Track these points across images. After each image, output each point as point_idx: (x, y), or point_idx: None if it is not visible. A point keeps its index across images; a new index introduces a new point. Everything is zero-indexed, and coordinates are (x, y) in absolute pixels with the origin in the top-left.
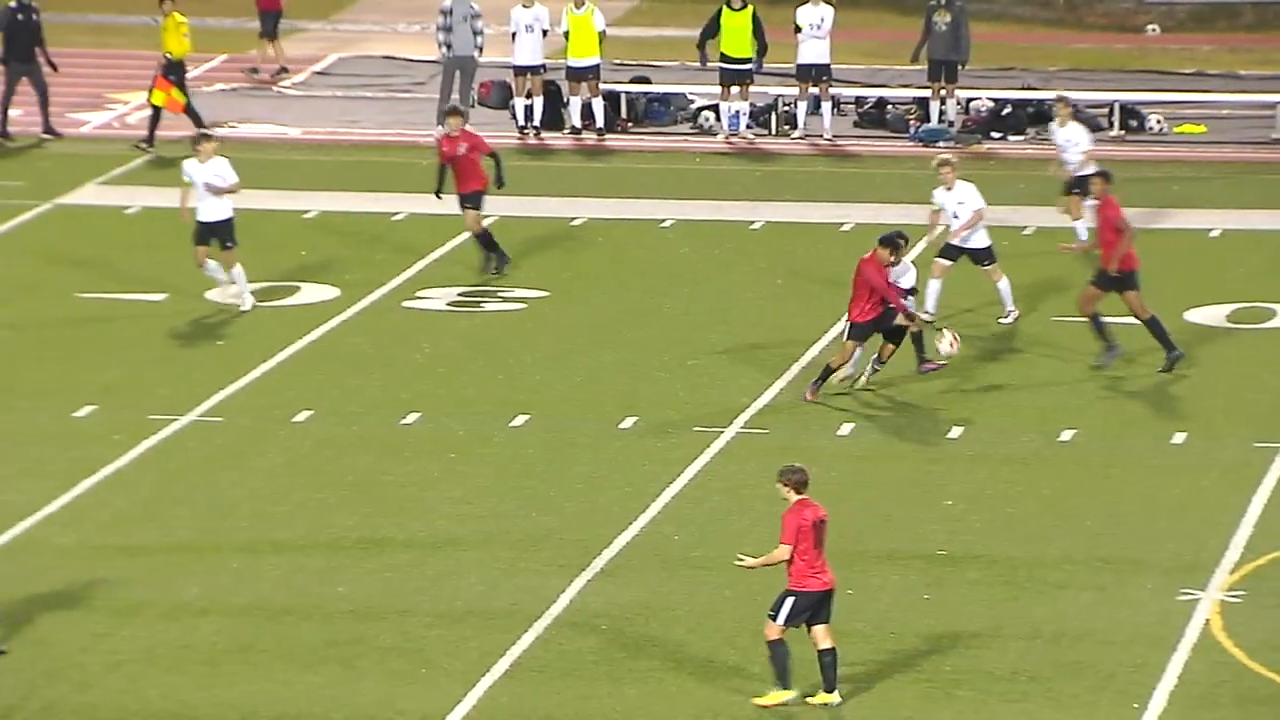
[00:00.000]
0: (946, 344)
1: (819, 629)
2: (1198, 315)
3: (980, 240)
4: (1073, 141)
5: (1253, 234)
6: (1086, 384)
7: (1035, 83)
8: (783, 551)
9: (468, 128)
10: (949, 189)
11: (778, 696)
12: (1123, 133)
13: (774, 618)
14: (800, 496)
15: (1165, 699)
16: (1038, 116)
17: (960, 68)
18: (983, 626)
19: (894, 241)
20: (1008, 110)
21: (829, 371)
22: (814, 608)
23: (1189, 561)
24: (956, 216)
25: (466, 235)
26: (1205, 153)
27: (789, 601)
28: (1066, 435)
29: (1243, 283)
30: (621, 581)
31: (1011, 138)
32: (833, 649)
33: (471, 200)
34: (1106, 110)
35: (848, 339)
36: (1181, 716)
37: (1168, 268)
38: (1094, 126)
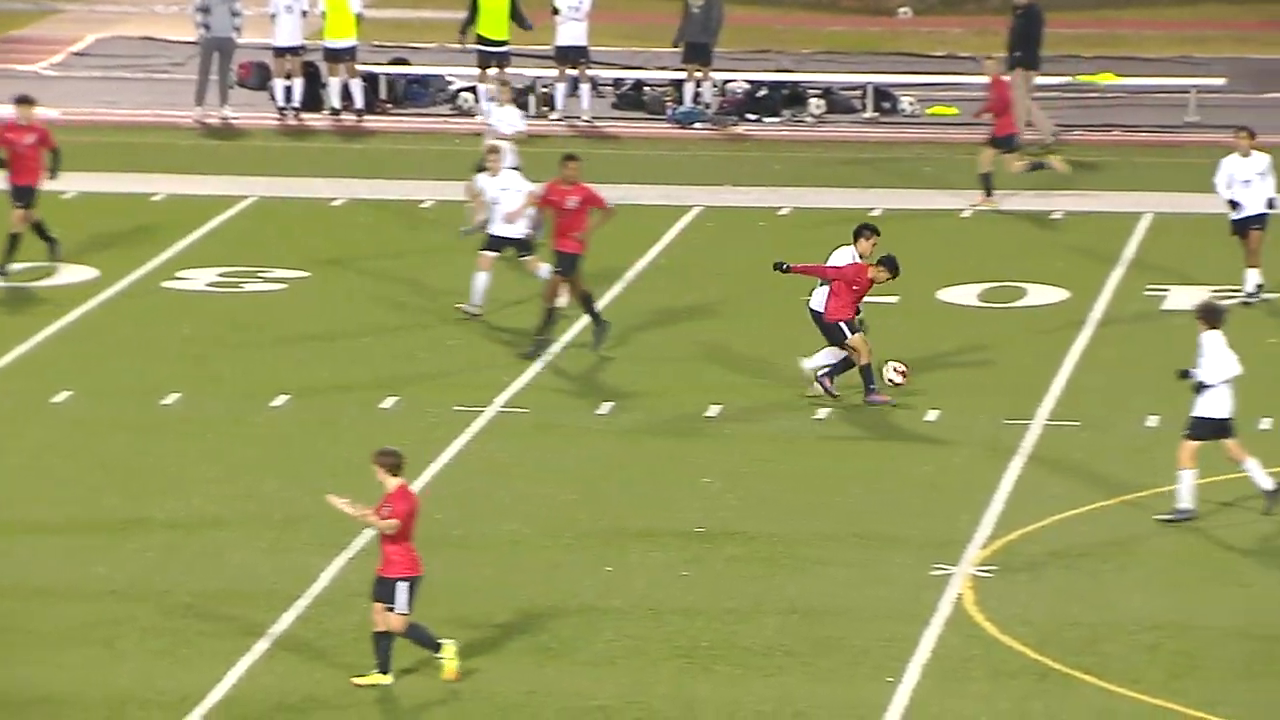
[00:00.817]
0: (893, 373)
1: (383, 610)
2: (950, 294)
3: (519, 230)
4: (506, 122)
5: (1003, 215)
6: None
7: (790, 65)
8: (390, 525)
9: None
10: (494, 175)
11: (375, 679)
12: (876, 114)
13: (393, 609)
14: (399, 480)
15: (919, 673)
16: (792, 99)
17: (709, 49)
18: (740, 602)
19: (862, 233)
20: (763, 93)
21: (867, 369)
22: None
23: (942, 537)
24: (497, 203)
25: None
26: (957, 134)
27: (402, 588)
28: (822, 414)
29: (994, 262)
30: None
31: (766, 119)
32: (388, 633)
33: (23, 196)
34: (860, 93)
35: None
36: (934, 690)
37: (921, 247)
38: (848, 108)
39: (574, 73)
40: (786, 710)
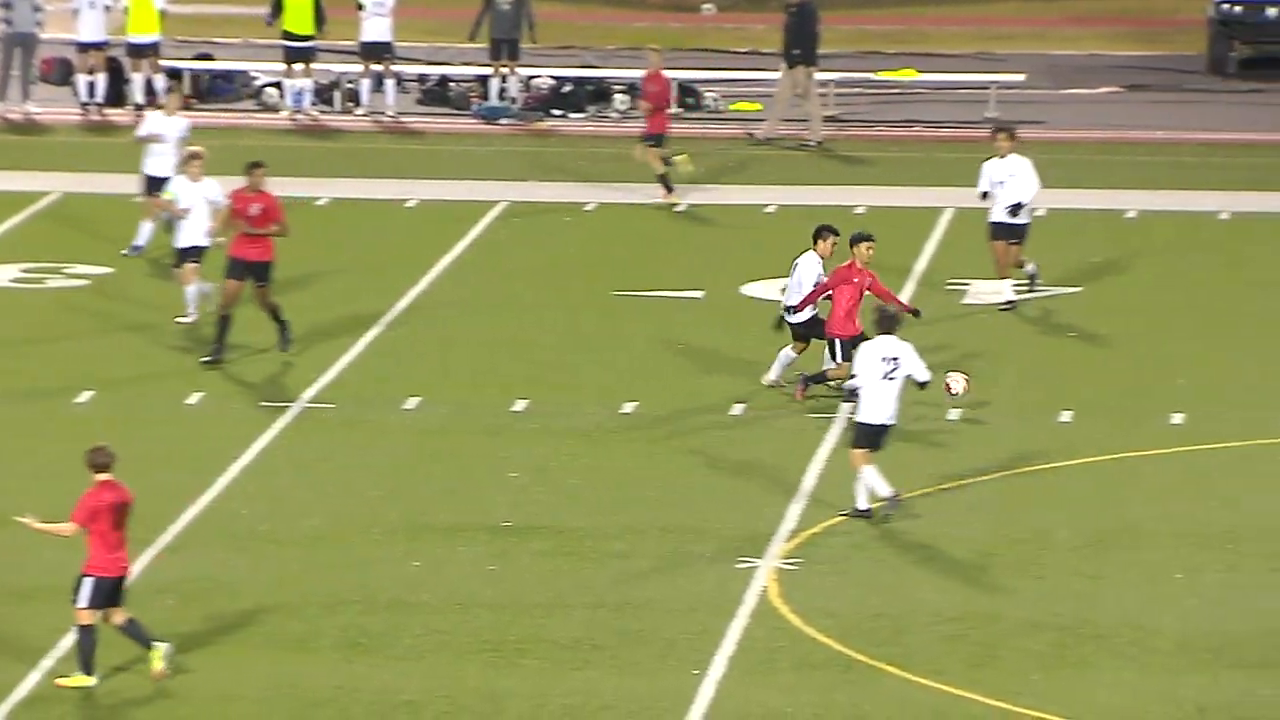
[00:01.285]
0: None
1: (116, 611)
2: (754, 288)
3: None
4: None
5: (805, 209)
6: (648, 357)
7: (595, 61)
8: (67, 528)
9: None
10: (194, 181)
11: (80, 680)
12: (681, 110)
13: (75, 602)
14: (103, 477)
15: (725, 665)
16: (597, 94)
17: (518, 45)
18: (547, 596)
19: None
20: (568, 88)
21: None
22: (113, 591)
23: (747, 530)
24: (191, 210)
25: None
26: (761, 129)
27: (87, 584)
28: (628, 408)
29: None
30: (189, 556)
31: (572, 115)
32: (131, 619)
33: None
34: None
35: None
36: (740, 682)
37: (726, 242)
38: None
39: (379, 68)
40: (593, 703)
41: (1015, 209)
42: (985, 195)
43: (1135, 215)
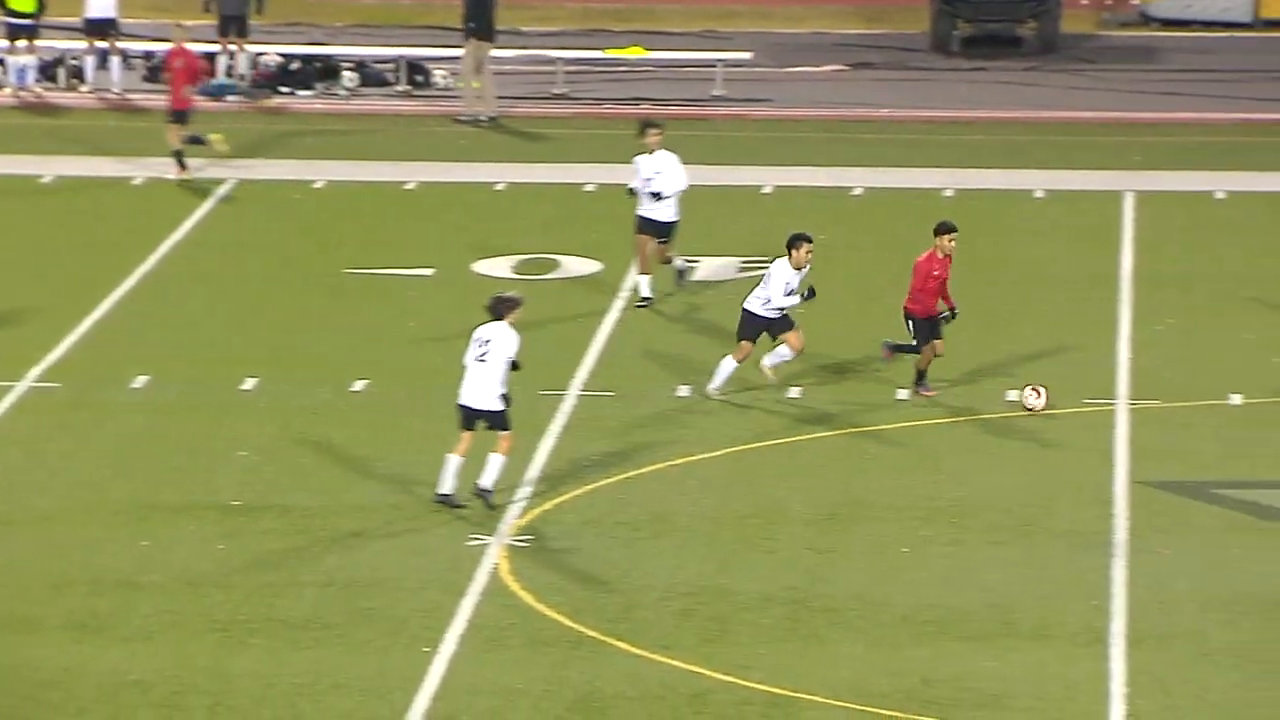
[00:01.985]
0: (1032, 398)
1: None
2: (485, 266)
3: None
4: None
5: (536, 186)
6: (379, 335)
7: (323, 38)
8: None
9: None
10: None
11: None
12: (409, 88)
13: None
14: None
15: (456, 642)
16: (326, 72)
17: (246, 21)
18: (277, 575)
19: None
20: (296, 65)
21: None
22: None
23: (479, 508)
24: None
25: None
26: (500, 108)
27: None
28: (358, 386)
29: (528, 234)
30: None
31: (300, 92)
32: None
33: None
34: (393, 66)
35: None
36: (472, 659)
37: (458, 220)
38: (382, 81)
39: (104, 45)
40: (324, 682)
41: (656, 196)
42: (632, 192)
43: (861, 192)
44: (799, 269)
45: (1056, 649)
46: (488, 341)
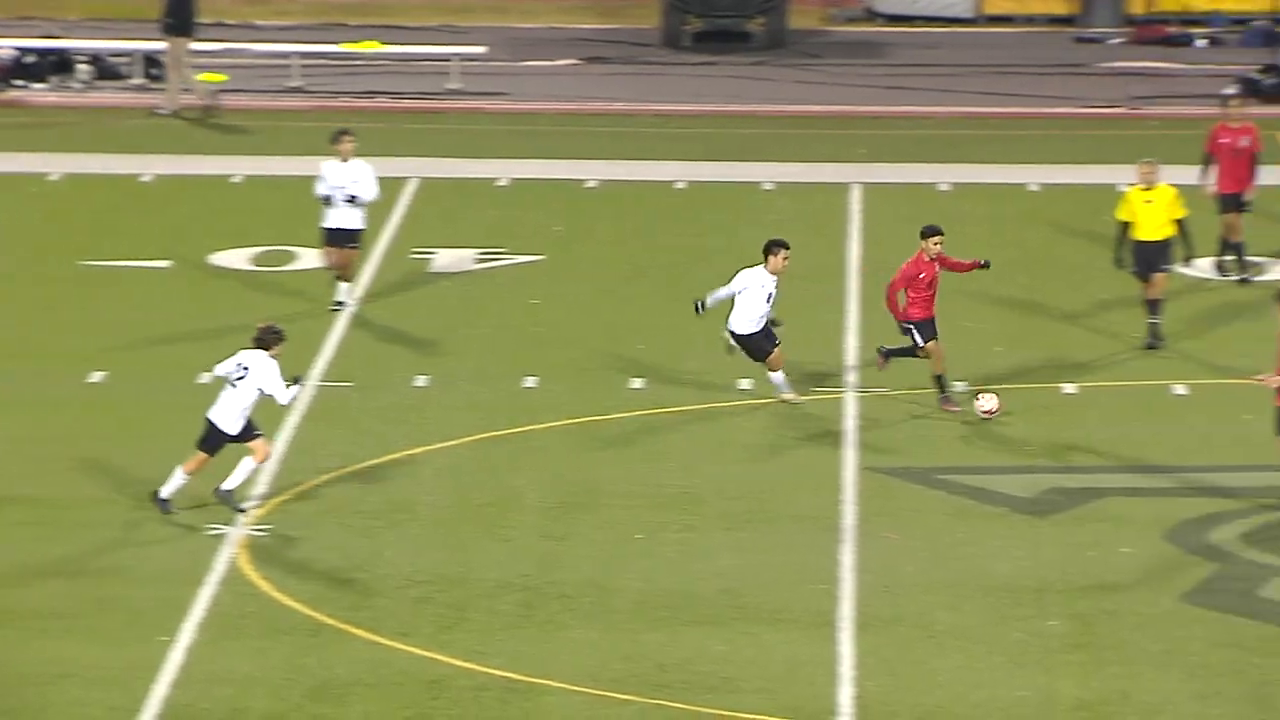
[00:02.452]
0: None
1: None
2: (222, 259)
3: None
4: None
5: (274, 179)
6: (117, 327)
7: (58, 31)
8: None
9: None
10: None
11: None
12: (146, 81)
13: None
14: None
15: (195, 631)
16: (60, 65)
17: None
18: (18, 567)
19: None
20: (30, 59)
21: (940, 379)
22: None
23: (212, 500)
24: None
25: None
26: (227, 100)
27: None
28: (97, 377)
29: (265, 227)
30: None
31: (35, 85)
32: None
33: None
34: (129, 59)
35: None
36: (210, 648)
37: (194, 212)
38: (117, 75)
39: None
40: (59, 671)
41: (352, 199)
42: (328, 200)
43: (596, 184)
44: (775, 274)
45: (787, 633)
46: (245, 368)
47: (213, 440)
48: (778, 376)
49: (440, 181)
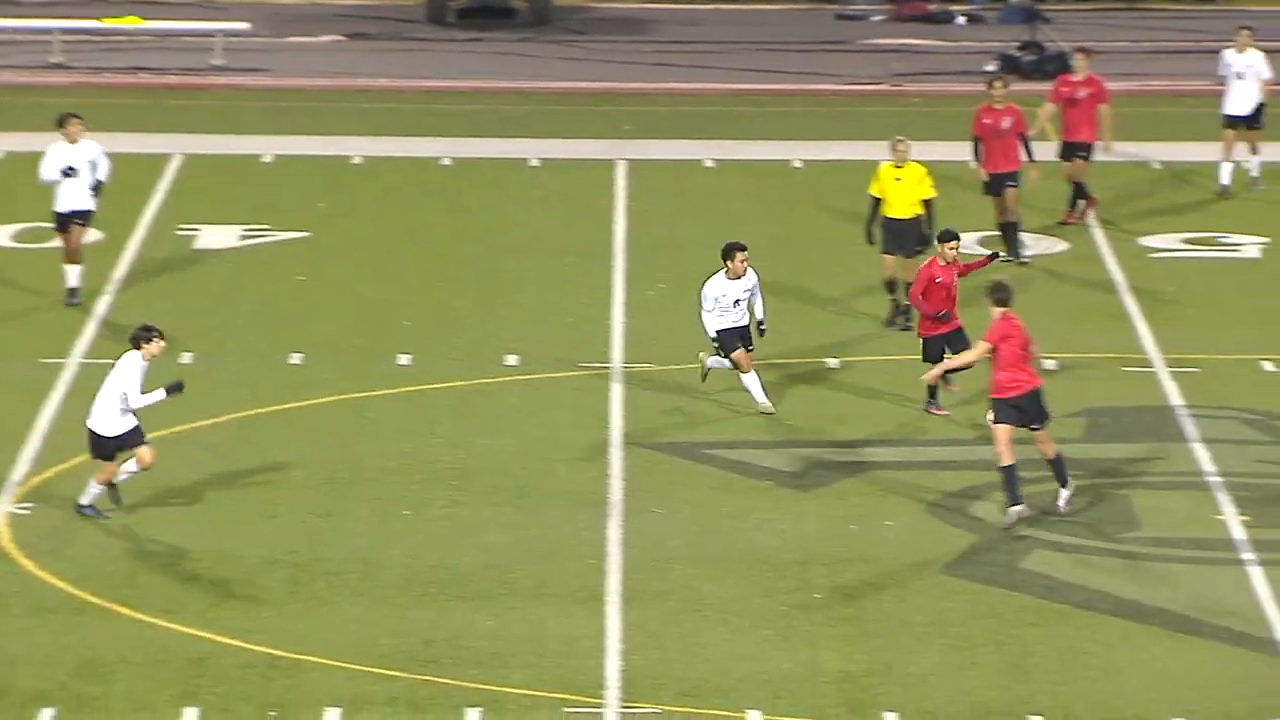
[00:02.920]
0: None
1: None
2: None
3: None
4: None
5: (35, 156)
6: None
7: None
8: None
9: None
10: None
11: None
12: None
13: None
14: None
15: None
16: None
17: None
18: None
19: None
20: None
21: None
22: None
23: None
24: None
25: None
26: None
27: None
28: None
29: (27, 204)
30: None
31: None
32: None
33: None
34: None
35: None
36: None
37: None
38: None
39: None
40: None
41: (97, 188)
42: (60, 181)
43: (361, 161)
44: (737, 279)
45: (555, 607)
46: (114, 368)
47: (97, 447)
48: (749, 379)
49: (204, 158)
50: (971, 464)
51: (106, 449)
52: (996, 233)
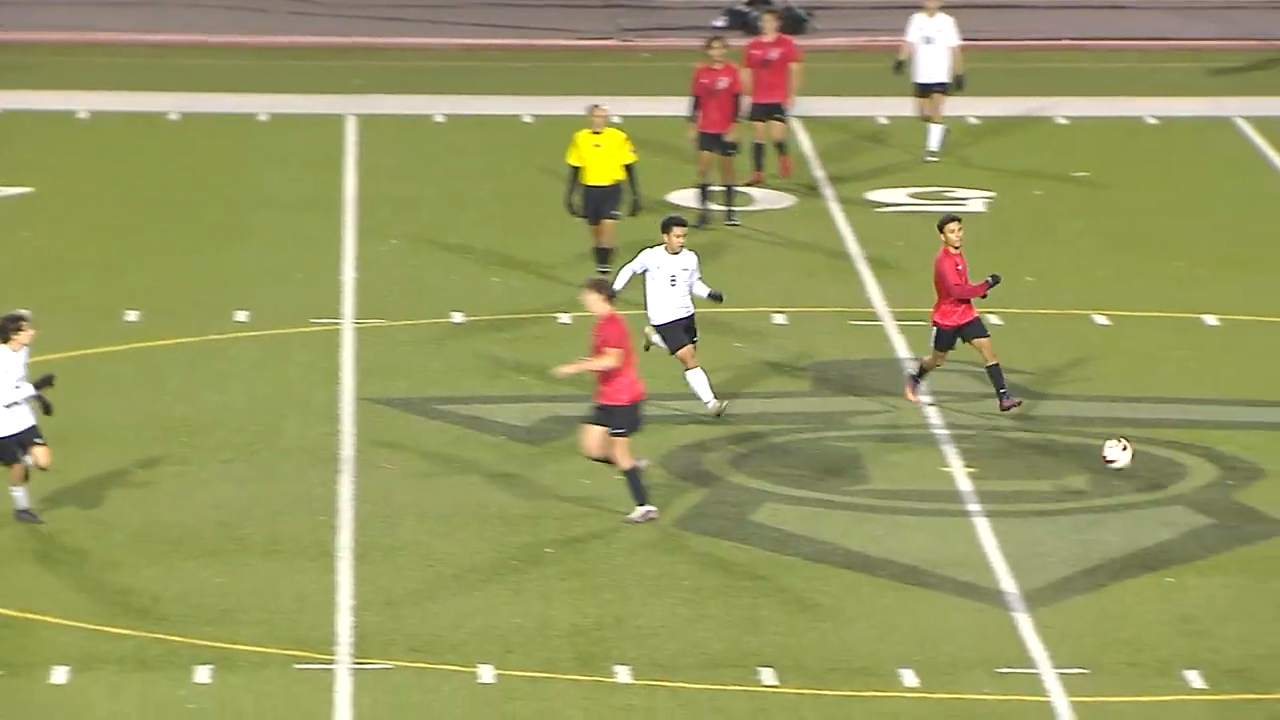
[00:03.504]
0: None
1: None
2: None
3: None
4: None
5: None
6: None
7: None
8: None
9: None
10: None
11: None
12: None
13: None
14: None
15: None
16: None
17: None
18: None
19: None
20: None
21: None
22: None
23: None
24: None
25: None
26: None
27: None
28: None
29: None
30: None
31: None
32: None
33: None
34: None
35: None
36: None
37: None
38: None
39: None
40: None
41: None
42: None
43: (87, 116)
44: (675, 254)
45: (286, 563)
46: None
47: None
48: (694, 375)
49: None
50: (700, 418)
51: (8, 450)
52: (704, 190)
